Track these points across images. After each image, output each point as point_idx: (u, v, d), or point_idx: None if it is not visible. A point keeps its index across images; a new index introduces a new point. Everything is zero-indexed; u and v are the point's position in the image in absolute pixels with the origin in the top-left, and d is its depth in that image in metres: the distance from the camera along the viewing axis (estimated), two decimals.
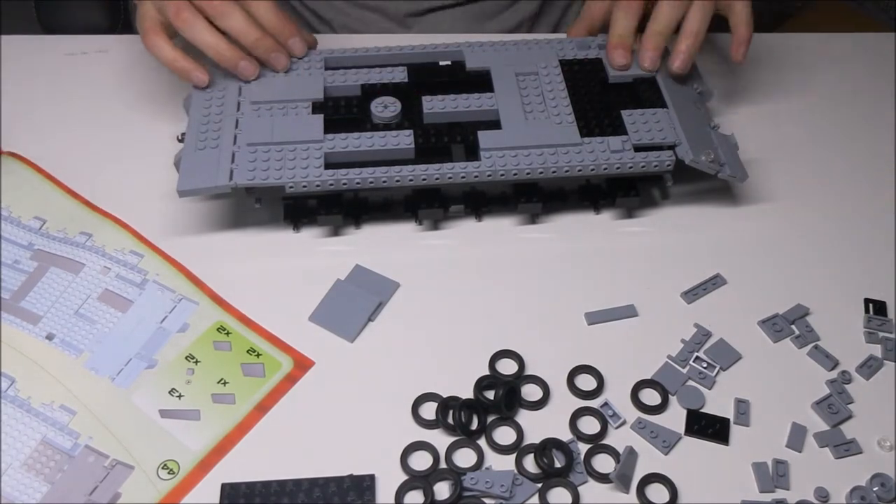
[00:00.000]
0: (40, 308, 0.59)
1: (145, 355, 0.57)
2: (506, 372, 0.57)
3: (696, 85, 0.70)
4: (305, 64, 0.69)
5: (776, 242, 0.65)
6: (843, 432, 0.54)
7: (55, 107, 0.74)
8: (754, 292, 0.62)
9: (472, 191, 0.67)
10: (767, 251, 0.65)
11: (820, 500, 0.51)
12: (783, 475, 0.52)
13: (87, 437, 0.53)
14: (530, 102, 0.66)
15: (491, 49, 0.71)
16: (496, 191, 0.67)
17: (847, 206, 0.68)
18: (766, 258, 0.64)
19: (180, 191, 0.60)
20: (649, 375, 0.57)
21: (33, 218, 0.64)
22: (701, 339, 0.59)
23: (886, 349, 0.58)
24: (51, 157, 0.69)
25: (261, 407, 0.55)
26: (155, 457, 0.52)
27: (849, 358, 0.58)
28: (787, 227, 0.66)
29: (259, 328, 0.59)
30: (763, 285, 0.62)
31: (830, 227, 0.67)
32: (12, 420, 0.53)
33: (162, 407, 0.54)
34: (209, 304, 0.60)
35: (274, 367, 0.57)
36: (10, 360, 0.56)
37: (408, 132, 0.64)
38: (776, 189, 0.69)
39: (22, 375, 0.55)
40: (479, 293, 0.61)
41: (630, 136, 0.64)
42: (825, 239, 0.66)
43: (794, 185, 0.70)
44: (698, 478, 0.52)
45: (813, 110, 0.76)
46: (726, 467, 0.53)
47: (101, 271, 0.61)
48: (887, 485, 0.52)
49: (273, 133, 0.63)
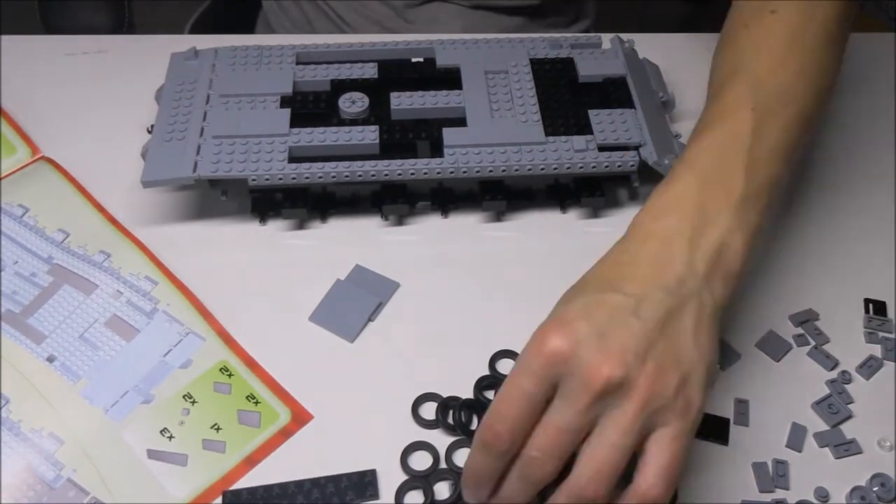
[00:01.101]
0: (46, 327, 0.58)
1: (143, 389, 0.55)
2: (506, 372, 0.57)
3: (660, 93, 0.70)
4: (277, 58, 0.70)
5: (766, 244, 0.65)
6: (843, 432, 0.54)
7: (55, 106, 0.74)
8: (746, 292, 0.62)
9: (439, 187, 0.67)
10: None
11: (820, 500, 0.51)
12: (783, 475, 0.52)
13: (70, 470, 0.51)
14: (497, 101, 0.66)
15: (462, 47, 0.71)
16: (463, 188, 0.67)
17: (846, 206, 0.68)
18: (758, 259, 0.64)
19: (144, 181, 0.61)
20: None
21: (57, 230, 0.63)
22: None
23: (886, 349, 0.59)
24: (51, 156, 0.69)
25: (250, 460, 0.53)
26: (135, 501, 0.51)
27: (849, 358, 0.58)
28: (782, 229, 0.66)
29: (263, 373, 0.57)
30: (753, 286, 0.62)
31: (830, 227, 0.66)
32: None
33: (151, 447, 0.53)
34: (216, 341, 0.58)
35: (271, 417, 0.55)
36: (8, 379, 0.55)
37: (373, 128, 0.64)
38: None
39: (16, 397, 0.54)
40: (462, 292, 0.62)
41: (595, 136, 0.64)
42: (827, 239, 0.66)
43: (792, 185, 0.69)
44: (698, 477, 0.53)
45: None
46: (726, 467, 0.53)
47: (112, 295, 0.59)
48: (887, 485, 0.52)
49: (239, 126, 0.64)
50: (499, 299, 0.61)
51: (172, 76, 0.69)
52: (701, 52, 0.80)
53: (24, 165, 0.68)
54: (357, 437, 0.54)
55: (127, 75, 0.76)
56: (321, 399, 0.56)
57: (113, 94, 0.75)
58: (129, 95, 0.74)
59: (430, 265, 0.63)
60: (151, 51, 0.74)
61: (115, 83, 0.76)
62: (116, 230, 0.64)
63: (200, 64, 0.69)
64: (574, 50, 0.72)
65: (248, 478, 0.52)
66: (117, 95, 0.75)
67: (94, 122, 0.73)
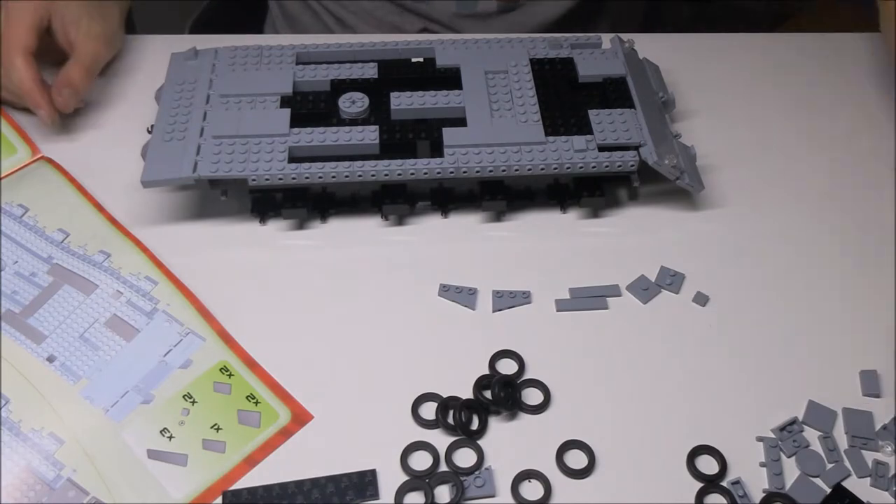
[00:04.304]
0: (47, 327, 0.58)
1: (143, 389, 0.55)
2: (506, 372, 0.57)
3: (660, 93, 0.70)
4: (277, 58, 0.70)
5: (742, 245, 0.65)
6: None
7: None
8: (716, 293, 0.62)
9: (439, 187, 0.67)
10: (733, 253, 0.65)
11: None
12: None
13: (70, 470, 0.51)
14: (497, 101, 0.66)
15: (462, 47, 0.71)
16: (463, 188, 0.67)
17: (841, 206, 0.68)
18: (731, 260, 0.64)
19: (144, 181, 0.61)
20: None
21: (57, 230, 0.63)
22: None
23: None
24: (51, 156, 0.70)
25: (250, 460, 0.53)
26: (135, 501, 0.51)
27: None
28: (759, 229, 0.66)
29: (263, 373, 0.57)
30: (725, 287, 0.62)
31: (817, 229, 0.66)
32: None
33: (151, 447, 0.53)
34: (216, 342, 0.58)
35: (271, 417, 0.55)
36: (8, 379, 0.55)
37: (373, 128, 0.64)
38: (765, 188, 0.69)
39: (16, 397, 0.54)
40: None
41: (595, 136, 0.64)
42: (809, 240, 0.66)
43: (790, 185, 0.70)
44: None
45: (813, 109, 0.76)
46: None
47: (112, 295, 0.59)
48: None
49: (239, 126, 0.64)
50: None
51: (172, 76, 0.69)
52: (701, 52, 0.82)
53: (24, 165, 0.68)
54: (357, 437, 0.54)
55: (127, 75, 0.77)
56: (321, 399, 0.56)
57: (113, 94, 0.75)
58: (129, 95, 0.74)
59: (431, 265, 0.63)
60: (151, 51, 0.74)
61: (115, 83, 0.76)
62: (116, 230, 0.64)
63: (200, 64, 0.69)
64: (574, 50, 0.72)
65: (248, 478, 0.52)
66: (117, 95, 0.75)
67: (94, 122, 0.73)
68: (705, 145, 0.70)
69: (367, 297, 0.61)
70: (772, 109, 0.76)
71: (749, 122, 0.75)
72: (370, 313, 0.60)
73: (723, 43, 0.82)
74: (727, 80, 0.78)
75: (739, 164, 0.71)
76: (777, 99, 0.77)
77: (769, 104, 0.76)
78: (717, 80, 0.78)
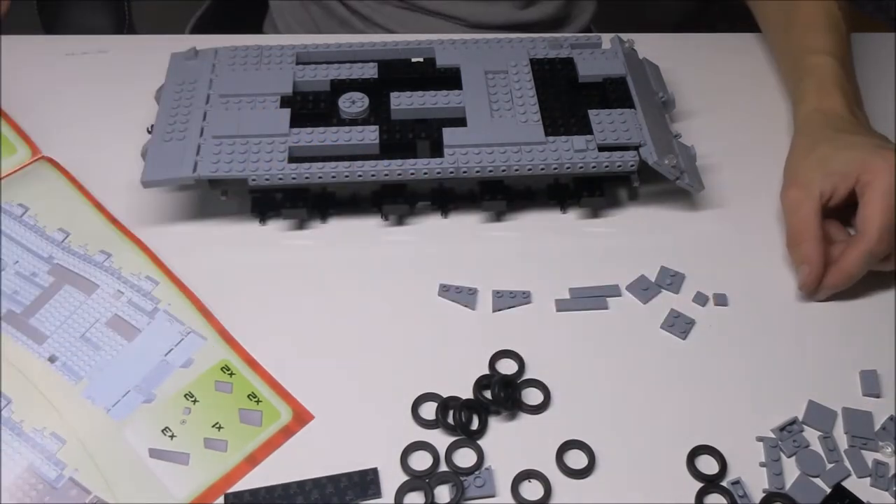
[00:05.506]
0: (48, 327, 0.58)
1: (144, 388, 0.55)
2: (506, 372, 0.57)
3: (660, 93, 0.70)
4: (277, 58, 0.70)
5: (742, 245, 0.65)
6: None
7: (55, 106, 0.74)
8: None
9: (439, 187, 0.67)
10: (733, 253, 0.65)
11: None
12: None
13: (72, 470, 0.51)
14: (497, 101, 0.67)
15: (462, 47, 0.71)
16: (463, 188, 0.67)
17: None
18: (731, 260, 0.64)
19: (144, 181, 0.61)
20: None
21: (58, 230, 0.63)
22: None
23: None
24: (51, 156, 0.69)
25: (251, 458, 0.53)
26: (137, 500, 0.51)
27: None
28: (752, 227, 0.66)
29: (264, 372, 0.57)
30: (725, 287, 0.62)
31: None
32: (1, 443, 0.52)
33: (152, 446, 0.53)
34: (217, 341, 0.58)
35: (272, 416, 0.55)
36: (10, 379, 0.55)
37: (373, 128, 0.64)
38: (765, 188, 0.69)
39: (18, 397, 0.54)
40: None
41: (595, 136, 0.64)
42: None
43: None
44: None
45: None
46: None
47: (113, 295, 0.59)
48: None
49: (239, 126, 0.64)
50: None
51: (172, 76, 0.69)
52: (701, 52, 0.81)
53: (24, 165, 0.68)
54: (357, 437, 0.54)
55: (127, 75, 0.76)
56: (322, 398, 0.56)
57: (113, 94, 0.75)
58: (129, 95, 0.74)
59: (431, 265, 0.63)
60: (151, 51, 0.74)
61: (115, 83, 0.76)
62: (117, 230, 0.64)
63: (200, 64, 0.70)
64: (574, 50, 0.72)
65: (249, 477, 0.52)
66: (117, 95, 0.75)
67: (94, 122, 0.73)
68: (705, 145, 0.70)
69: (367, 297, 0.61)
70: (772, 109, 0.76)
71: (749, 122, 0.75)
72: (370, 313, 0.60)
73: (723, 43, 0.82)
74: (727, 80, 0.79)
75: (739, 164, 0.71)
76: (777, 99, 0.77)
77: (769, 104, 0.76)
78: (717, 80, 0.78)
